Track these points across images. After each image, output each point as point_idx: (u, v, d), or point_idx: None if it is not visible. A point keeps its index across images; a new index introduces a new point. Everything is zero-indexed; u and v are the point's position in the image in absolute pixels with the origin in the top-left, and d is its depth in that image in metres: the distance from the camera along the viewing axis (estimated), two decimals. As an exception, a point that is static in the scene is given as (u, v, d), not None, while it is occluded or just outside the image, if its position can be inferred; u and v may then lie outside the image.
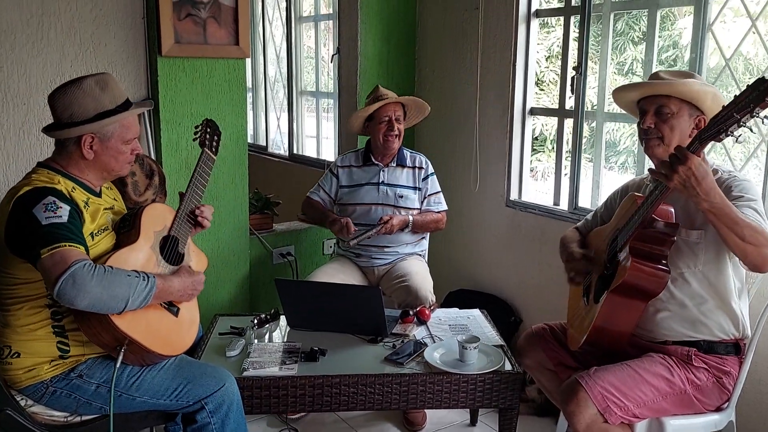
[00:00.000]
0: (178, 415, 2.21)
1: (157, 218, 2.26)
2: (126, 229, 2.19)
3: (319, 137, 5.25)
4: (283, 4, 5.25)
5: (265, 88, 5.75)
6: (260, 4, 5.60)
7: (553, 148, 4.46)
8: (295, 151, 5.30)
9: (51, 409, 2.12)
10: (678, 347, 2.27)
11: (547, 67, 5.96)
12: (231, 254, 3.59)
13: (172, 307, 2.20)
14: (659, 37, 3.13)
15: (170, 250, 2.27)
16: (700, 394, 2.24)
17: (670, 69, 2.40)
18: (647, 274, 2.15)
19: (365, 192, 3.41)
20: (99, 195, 2.21)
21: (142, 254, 2.14)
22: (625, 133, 6.35)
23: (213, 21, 3.24)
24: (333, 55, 4.30)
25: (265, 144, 5.80)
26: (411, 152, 3.49)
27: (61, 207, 1.98)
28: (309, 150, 5.35)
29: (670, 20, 5.43)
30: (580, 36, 3.33)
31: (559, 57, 3.47)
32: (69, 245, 1.92)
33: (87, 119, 2.07)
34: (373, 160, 3.43)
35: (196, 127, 2.48)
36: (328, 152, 5.11)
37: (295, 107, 5.22)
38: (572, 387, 2.20)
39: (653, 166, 2.19)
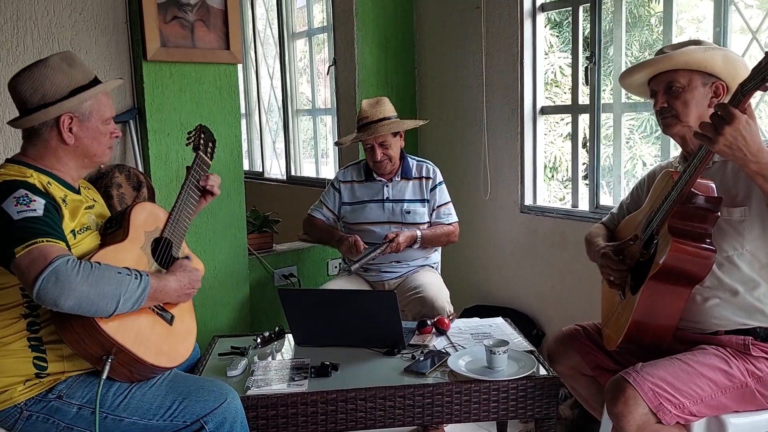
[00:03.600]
0: (175, 439, 1.94)
1: (147, 218, 2.02)
2: (113, 229, 1.96)
3: (317, 156, 5.05)
4: (275, 23, 5.10)
5: (259, 112, 5.56)
6: (251, 25, 5.44)
7: (553, 176, 4.31)
8: (293, 173, 5.09)
9: (26, 438, 1.85)
10: (732, 337, 2.02)
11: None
12: (229, 275, 3.34)
13: (165, 313, 1.95)
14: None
15: (163, 253, 2.03)
16: (763, 387, 1.99)
17: (676, 42, 2.20)
18: (690, 254, 1.91)
19: (369, 210, 3.16)
20: (78, 192, 1.98)
21: (130, 255, 1.90)
22: (624, 157, 6.17)
23: (201, 24, 3.05)
24: (329, 67, 4.11)
25: (261, 170, 5.59)
26: (417, 160, 3.22)
27: (34, 200, 1.75)
28: (307, 171, 5.14)
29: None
30: (592, 23, 3.15)
31: (554, 84, 3.30)
32: (47, 240, 1.69)
33: (63, 97, 1.84)
34: (375, 176, 3.18)
35: (189, 133, 2.26)
36: (328, 170, 4.90)
37: (291, 128, 5.03)
38: (618, 385, 1.95)
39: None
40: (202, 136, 2.25)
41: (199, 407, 1.89)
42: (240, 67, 3.34)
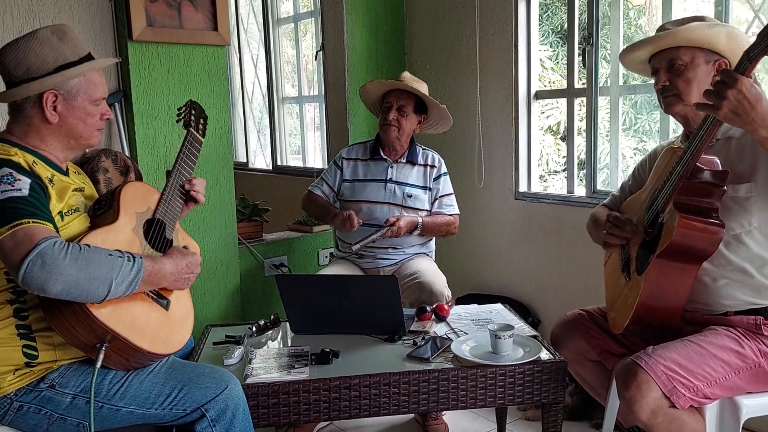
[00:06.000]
0: (173, 428, 1.85)
1: (138, 198, 1.92)
2: (102, 211, 1.86)
3: (305, 145, 4.95)
4: (259, 8, 4.99)
5: (243, 102, 5.45)
6: (234, 12, 5.32)
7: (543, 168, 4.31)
8: (279, 163, 4.99)
9: (16, 429, 1.75)
10: (743, 317, 1.98)
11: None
12: (219, 264, 3.24)
13: (161, 298, 1.85)
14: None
15: (156, 235, 1.93)
16: (776, 366, 1.95)
17: (677, 19, 2.15)
18: (699, 230, 1.86)
19: (371, 189, 3.09)
20: (66, 173, 1.87)
21: (122, 237, 1.80)
22: (604, 151, 6.16)
23: (188, 4, 2.95)
24: (317, 52, 4.02)
25: (245, 160, 5.48)
26: (423, 149, 3.17)
27: (19, 179, 1.65)
28: (293, 161, 5.04)
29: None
30: (589, 4, 3.10)
31: (543, 81, 3.23)
32: (33, 221, 1.59)
33: (47, 72, 1.74)
34: (382, 154, 3.12)
35: (179, 109, 2.15)
36: (316, 160, 4.81)
37: (276, 116, 4.93)
38: (630, 369, 1.89)
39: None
40: (193, 112, 2.14)
41: (200, 394, 1.81)
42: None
